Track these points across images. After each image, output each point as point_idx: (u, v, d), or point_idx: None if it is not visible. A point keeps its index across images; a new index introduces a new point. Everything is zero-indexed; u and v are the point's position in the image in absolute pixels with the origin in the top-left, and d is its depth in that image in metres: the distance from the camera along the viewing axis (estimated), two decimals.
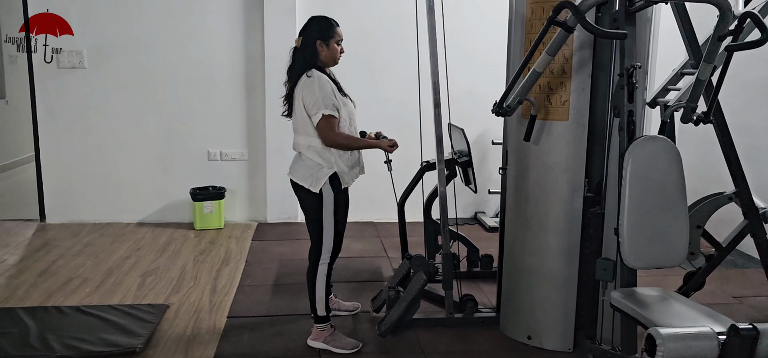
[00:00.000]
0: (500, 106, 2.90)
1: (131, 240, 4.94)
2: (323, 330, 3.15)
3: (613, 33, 2.36)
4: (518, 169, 3.19)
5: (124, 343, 3.10)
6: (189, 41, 5.28)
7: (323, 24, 3.02)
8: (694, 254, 3.40)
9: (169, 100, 5.36)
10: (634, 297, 2.43)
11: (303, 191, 3.03)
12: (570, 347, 3.17)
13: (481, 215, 5.73)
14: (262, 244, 4.93)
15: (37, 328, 3.25)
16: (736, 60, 4.69)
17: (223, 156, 5.50)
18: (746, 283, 4.19)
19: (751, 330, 1.93)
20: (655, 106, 3.48)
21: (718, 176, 3.37)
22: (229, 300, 3.75)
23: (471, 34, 5.39)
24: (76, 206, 5.40)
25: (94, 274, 4.15)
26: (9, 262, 4.38)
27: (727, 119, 3.21)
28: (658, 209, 2.40)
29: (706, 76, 2.62)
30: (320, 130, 2.94)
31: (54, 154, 5.32)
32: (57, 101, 5.24)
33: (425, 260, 3.37)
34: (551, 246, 3.09)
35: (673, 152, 2.43)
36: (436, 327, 3.40)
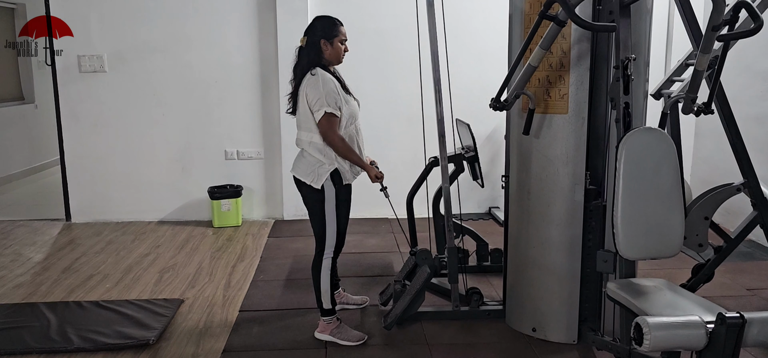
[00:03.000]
0: (497, 101, 2.93)
1: (151, 238, 5.09)
2: (329, 323, 3.22)
3: (602, 26, 2.37)
4: (520, 164, 3.22)
5: (139, 336, 3.22)
6: (205, 44, 5.41)
7: (327, 23, 3.09)
8: (702, 245, 3.38)
9: (187, 102, 5.50)
10: (630, 288, 2.45)
11: (305, 187, 3.11)
12: (574, 339, 3.19)
13: (495, 209, 5.75)
14: (278, 240, 5.03)
15: (57, 321, 3.40)
16: (750, 50, 4.67)
17: (240, 155, 5.62)
18: (761, 275, 4.14)
19: (738, 318, 1.93)
20: (660, 98, 3.47)
21: (732, 167, 3.35)
22: (242, 295, 3.85)
23: (482, 30, 5.44)
24: (100, 206, 5.58)
25: (114, 270, 4.30)
26: (35, 259, 4.56)
27: (742, 110, 3.19)
28: (652, 200, 2.41)
29: (703, 67, 2.62)
30: (321, 127, 3.01)
31: (78, 156, 5.51)
32: (80, 105, 5.43)
33: (430, 254, 3.41)
34: (554, 239, 3.11)
35: (667, 143, 2.44)
36: (442, 320, 3.45)
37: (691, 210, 3.31)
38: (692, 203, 3.34)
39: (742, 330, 1.93)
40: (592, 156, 3.01)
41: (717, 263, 3.46)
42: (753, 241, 4.68)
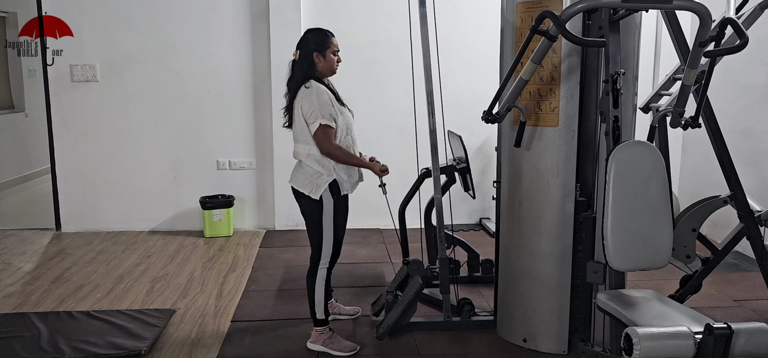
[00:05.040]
0: (489, 113, 2.97)
1: (142, 248, 5.08)
2: (322, 333, 3.23)
3: (592, 41, 2.42)
4: (511, 175, 3.25)
5: (130, 346, 3.21)
6: (198, 54, 5.43)
7: (319, 36, 3.12)
8: (690, 257, 3.43)
9: (179, 112, 5.51)
10: (620, 299, 2.48)
11: (303, 197, 3.13)
12: (565, 350, 3.21)
13: (486, 221, 5.78)
14: (270, 251, 5.03)
15: (48, 332, 3.38)
16: (737, 65, 4.76)
17: (232, 165, 5.63)
18: (747, 286, 4.19)
19: (725, 329, 1.98)
20: (649, 111, 3.52)
21: (719, 180, 3.41)
22: (234, 305, 3.85)
23: (474, 43, 5.49)
24: (91, 216, 5.57)
25: (105, 280, 4.28)
26: (24, 269, 4.53)
27: (729, 124, 3.25)
28: (641, 212, 2.45)
29: (690, 82, 2.67)
30: (317, 140, 3.03)
31: (69, 165, 5.50)
32: (71, 114, 5.42)
33: (422, 264, 3.44)
34: (544, 250, 3.15)
35: (656, 156, 2.48)
36: (433, 330, 3.47)
37: (679, 222, 3.36)
38: (680, 215, 3.40)
39: (730, 341, 1.97)
40: (582, 168, 3.05)
41: (705, 274, 3.51)
42: (740, 252, 4.74)
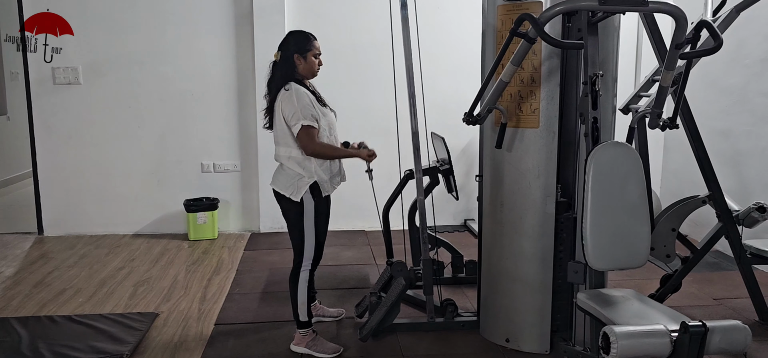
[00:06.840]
0: (470, 115, 2.99)
1: (126, 251, 5.05)
2: (305, 335, 3.23)
3: (570, 43, 2.45)
4: (493, 176, 3.27)
5: (112, 350, 3.19)
6: (181, 57, 5.41)
7: (300, 38, 3.12)
8: (669, 256, 3.47)
9: (163, 114, 5.48)
10: (599, 298, 2.51)
11: (285, 199, 3.13)
12: (547, 350, 3.24)
13: (471, 221, 5.81)
14: (254, 253, 5.02)
15: (28, 337, 3.35)
16: (715, 67, 4.82)
17: (216, 168, 5.61)
18: (727, 284, 4.25)
19: (700, 327, 2.01)
20: (628, 113, 3.56)
21: (700, 180, 3.46)
22: (217, 308, 3.84)
23: (456, 45, 5.52)
24: (73, 219, 5.52)
25: (87, 284, 4.25)
26: (5, 274, 4.49)
27: (708, 125, 3.30)
28: (620, 212, 2.48)
29: (667, 83, 2.71)
30: (300, 141, 3.04)
31: (51, 168, 5.45)
32: (53, 117, 5.38)
33: (405, 266, 3.45)
34: (526, 250, 3.17)
35: (634, 157, 2.51)
36: (417, 331, 3.48)
37: (658, 222, 3.40)
38: (659, 214, 3.44)
39: (705, 338, 2.00)
40: (563, 169, 3.08)
41: (684, 273, 3.56)
42: (719, 251, 4.80)
